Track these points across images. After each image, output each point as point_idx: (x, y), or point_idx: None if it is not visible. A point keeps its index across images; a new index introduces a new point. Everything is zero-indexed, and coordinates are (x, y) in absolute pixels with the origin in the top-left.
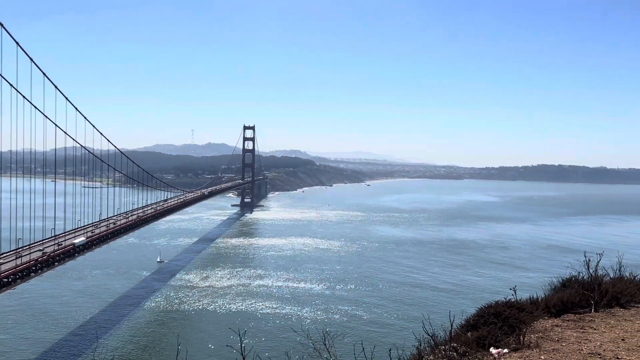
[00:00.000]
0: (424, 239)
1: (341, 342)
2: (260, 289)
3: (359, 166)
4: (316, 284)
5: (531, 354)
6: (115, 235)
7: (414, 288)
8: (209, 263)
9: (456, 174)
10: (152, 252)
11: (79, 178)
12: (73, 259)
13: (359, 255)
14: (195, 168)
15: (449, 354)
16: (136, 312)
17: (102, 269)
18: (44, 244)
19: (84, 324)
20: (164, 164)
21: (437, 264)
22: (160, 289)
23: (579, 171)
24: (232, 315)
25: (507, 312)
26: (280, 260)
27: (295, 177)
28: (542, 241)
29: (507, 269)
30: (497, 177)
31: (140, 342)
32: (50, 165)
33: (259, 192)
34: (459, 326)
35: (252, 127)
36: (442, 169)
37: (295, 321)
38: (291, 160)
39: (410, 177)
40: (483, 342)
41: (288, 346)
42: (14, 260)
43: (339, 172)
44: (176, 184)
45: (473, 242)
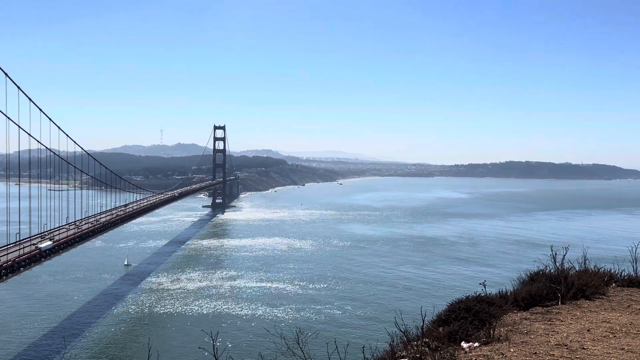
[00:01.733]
0: (396, 237)
1: (315, 341)
2: (232, 290)
3: (331, 165)
4: (289, 283)
5: (501, 346)
6: (82, 239)
7: (386, 286)
8: (179, 265)
9: (427, 172)
10: (121, 255)
11: (44, 181)
12: (39, 263)
13: (332, 254)
14: (165, 169)
15: (421, 350)
16: (105, 318)
17: (69, 273)
18: (8, 249)
19: (51, 331)
20: (133, 165)
21: (408, 262)
22: (130, 293)
23: (545, 167)
24: (205, 317)
25: (477, 306)
26: (252, 260)
27: (268, 177)
28: (511, 236)
29: (476, 265)
30: (466, 174)
31: (110, 349)
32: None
33: (230, 192)
34: (431, 322)
35: (222, 127)
36: (413, 167)
37: (269, 321)
38: (263, 160)
39: (381, 175)
40: (454, 336)
41: (261, 346)
42: None
43: (312, 172)
44: (145, 185)
45: (443, 239)
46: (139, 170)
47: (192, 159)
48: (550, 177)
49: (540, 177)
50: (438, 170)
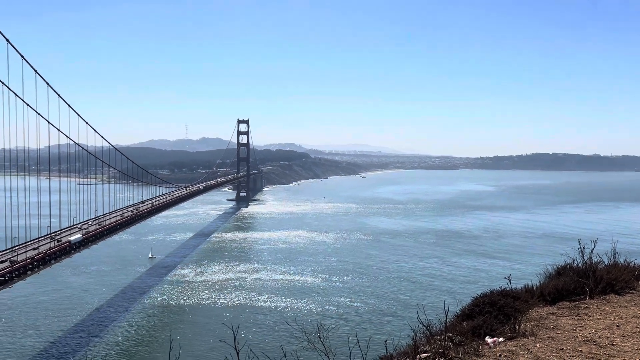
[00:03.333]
0: (419, 230)
1: (336, 334)
2: (255, 282)
3: (354, 158)
4: (311, 276)
5: (527, 342)
6: (110, 232)
7: (410, 279)
8: (204, 258)
9: (451, 164)
10: (147, 248)
11: (73, 175)
12: (69, 256)
13: (354, 247)
14: (190, 163)
15: (444, 344)
16: (131, 308)
17: (97, 265)
18: (40, 241)
19: (80, 321)
20: (159, 159)
21: (431, 255)
22: (154, 286)
23: (573, 159)
24: (227, 310)
25: (502, 301)
26: (275, 253)
27: (291, 171)
28: (537, 230)
29: (501, 259)
30: (491, 166)
31: (135, 337)
32: (44, 163)
33: (254, 186)
34: (454, 316)
35: (246, 121)
36: (437, 160)
37: (290, 314)
38: (286, 153)
39: (405, 168)
40: (478, 331)
41: (282, 339)
42: (10, 259)
43: (334, 165)
44: (171, 179)
45: (467, 232)
46: (165, 165)
47: (216, 153)
48: (579, 169)
49: (568, 169)
50: (463, 163)
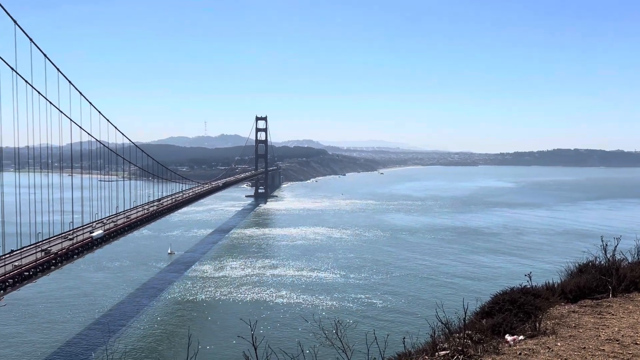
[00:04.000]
0: (438, 226)
1: (353, 331)
2: (273, 278)
3: (372, 155)
4: (329, 272)
5: (547, 340)
6: (131, 228)
7: (428, 276)
8: (223, 254)
9: (470, 161)
10: (166, 244)
11: (95, 172)
12: (91, 251)
13: (372, 243)
14: (209, 160)
15: (463, 342)
16: (150, 303)
17: (118, 261)
18: (62, 237)
19: (101, 316)
20: (178, 156)
21: (450, 252)
22: (175, 280)
23: (596, 155)
24: (245, 305)
25: (522, 298)
26: (294, 249)
27: (309, 167)
28: (558, 226)
29: (522, 255)
30: (512, 162)
31: (154, 332)
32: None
33: (272, 182)
34: (474, 314)
35: (264, 117)
36: (456, 156)
37: (308, 310)
38: (304, 150)
39: (423, 165)
40: (498, 329)
41: (300, 336)
42: (34, 254)
43: (352, 161)
44: (191, 175)
45: (487, 229)
46: (184, 161)
47: (235, 150)
48: (602, 165)
49: (590, 165)
50: (482, 159)
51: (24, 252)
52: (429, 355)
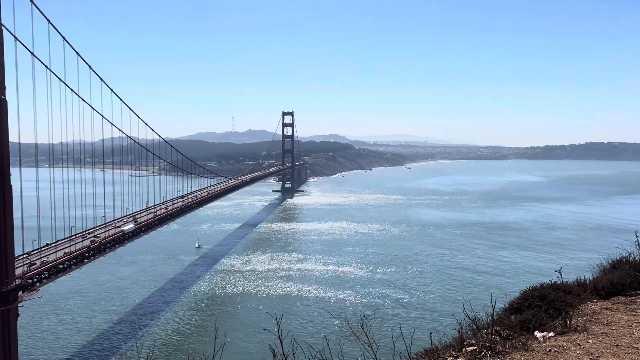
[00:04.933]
0: (466, 221)
1: (379, 326)
2: (299, 273)
3: (398, 149)
4: (355, 267)
5: (578, 337)
6: (161, 222)
7: (456, 271)
8: (250, 248)
9: (500, 155)
10: (195, 238)
11: (126, 167)
12: (122, 245)
13: (399, 238)
14: (236, 155)
15: (491, 338)
16: (179, 296)
17: (148, 254)
18: (95, 231)
19: (131, 309)
20: (207, 151)
21: (479, 247)
22: (203, 274)
23: (630, 148)
24: (271, 299)
25: (552, 294)
26: (320, 244)
27: (335, 162)
28: (590, 221)
29: (552, 251)
30: (542, 156)
31: (182, 325)
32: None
33: (299, 177)
34: (502, 310)
35: (290, 112)
36: (485, 150)
37: (334, 305)
38: (330, 145)
39: (452, 159)
40: (527, 325)
41: (325, 330)
42: (68, 247)
43: (379, 156)
44: (219, 171)
45: (516, 224)
46: (212, 157)
47: (262, 145)
48: (636, 158)
49: (624, 159)
50: (512, 153)
51: (59, 246)
52: (456, 351)
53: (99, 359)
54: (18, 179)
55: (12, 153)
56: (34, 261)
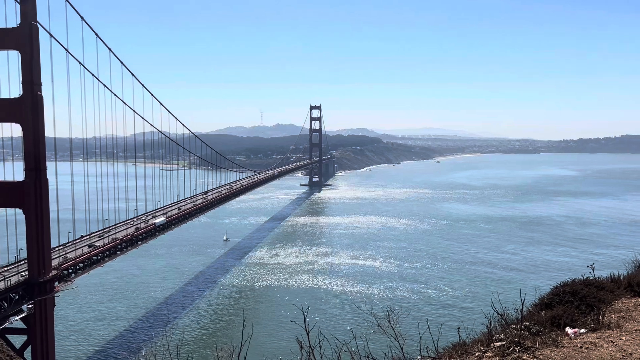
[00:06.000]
0: (496, 216)
1: (406, 320)
2: (326, 266)
3: (427, 142)
4: (382, 262)
5: (611, 334)
6: (191, 216)
7: (485, 266)
8: (277, 241)
9: (532, 148)
10: (223, 231)
11: (157, 161)
12: (154, 238)
13: (427, 233)
14: (264, 149)
15: (520, 333)
16: (207, 288)
17: (178, 246)
18: (128, 224)
19: (163, 299)
20: (236, 145)
21: (509, 242)
22: (231, 266)
23: None
24: (298, 291)
25: (584, 290)
26: (347, 238)
27: (363, 156)
28: (625, 216)
29: (585, 246)
30: (576, 149)
31: (211, 314)
32: (130, 150)
33: (326, 171)
34: (532, 305)
35: (318, 106)
36: (517, 143)
37: (360, 298)
38: (358, 138)
39: (482, 152)
40: (558, 321)
41: (352, 322)
42: (101, 240)
43: (407, 150)
44: (247, 165)
45: (548, 219)
46: (241, 151)
47: (289, 139)
48: None
49: None
50: (544, 146)
51: (93, 238)
52: (484, 346)
53: (130, 347)
54: (53, 172)
55: (47, 147)
56: (72, 251)
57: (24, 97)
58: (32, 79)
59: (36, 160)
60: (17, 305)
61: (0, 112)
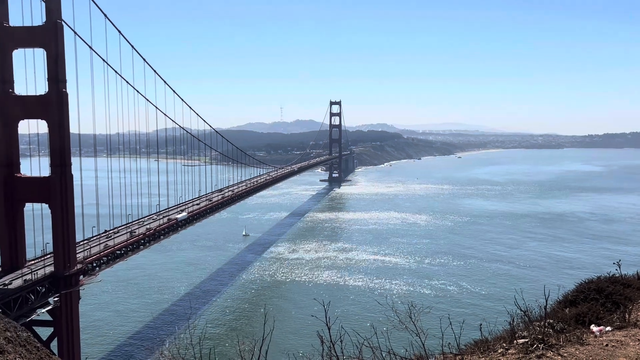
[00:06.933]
0: (518, 212)
1: (427, 316)
2: (346, 262)
3: (449, 138)
4: (402, 258)
5: (638, 332)
6: (212, 211)
7: (507, 263)
8: (297, 237)
9: (555, 143)
10: (243, 226)
11: (179, 157)
12: (176, 232)
13: (448, 229)
14: (284, 145)
15: (544, 331)
16: (228, 282)
17: (199, 241)
18: (150, 219)
19: (184, 293)
20: (256, 141)
21: (532, 239)
22: (252, 261)
23: None
24: (319, 286)
25: (610, 287)
26: (367, 234)
27: (382, 151)
28: None
29: (610, 244)
30: (601, 145)
31: (232, 309)
32: (153, 146)
33: (346, 167)
34: (556, 302)
35: (338, 102)
36: (540, 138)
37: (380, 294)
38: (378, 134)
39: (504, 148)
40: (583, 319)
41: (373, 318)
42: (124, 234)
43: (428, 145)
44: (267, 160)
45: (572, 215)
46: (261, 147)
47: (309, 135)
48: None
49: None
50: (568, 142)
51: (117, 233)
52: (507, 343)
53: (153, 339)
54: (78, 168)
55: (72, 143)
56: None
57: (50, 94)
58: (57, 76)
59: (61, 156)
60: (43, 298)
61: (27, 109)
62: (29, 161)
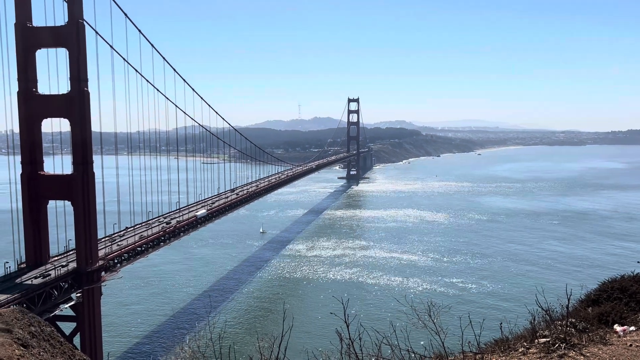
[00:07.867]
0: (539, 210)
1: (447, 314)
2: (365, 259)
3: (468, 135)
4: (421, 256)
5: None
6: (231, 208)
7: (527, 262)
8: (315, 234)
9: (577, 140)
10: (261, 223)
11: (199, 155)
12: (196, 229)
13: (467, 227)
14: (302, 142)
15: (566, 330)
16: (247, 280)
17: (218, 238)
18: (170, 216)
19: (203, 290)
20: (274, 139)
21: (552, 237)
22: (270, 258)
23: None
24: (337, 284)
25: (634, 287)
26: (385, 231)
27: (401, 149)
28: None
29: (633, 242)
30: (625, 141)
31: (251, 305)
32: (172, 144)
33: (364, 164)
34: (578, 301)
35: (356, 99)
36: (562, 135)
37: (399, 292)
38: (396, 131)
39: (525, 145)
40: (606, 318)
41: (391, 316)
42: (145, 231)
43: (447, 142)
44: (285, 158)
45: (594, 213)
46: (279, 144)
47: (327, 132)
48: None
49: None
50: (591, 138)
51: (137, 229)
52: (527, 342)
53: (174, 335)
54: (99, 166)
55: (94, 142)
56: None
57: (72, 93)
58: (79, 75)
59: (83, 154)
60: (66, 293)
61: (50, 108)
62: (52, 159)
